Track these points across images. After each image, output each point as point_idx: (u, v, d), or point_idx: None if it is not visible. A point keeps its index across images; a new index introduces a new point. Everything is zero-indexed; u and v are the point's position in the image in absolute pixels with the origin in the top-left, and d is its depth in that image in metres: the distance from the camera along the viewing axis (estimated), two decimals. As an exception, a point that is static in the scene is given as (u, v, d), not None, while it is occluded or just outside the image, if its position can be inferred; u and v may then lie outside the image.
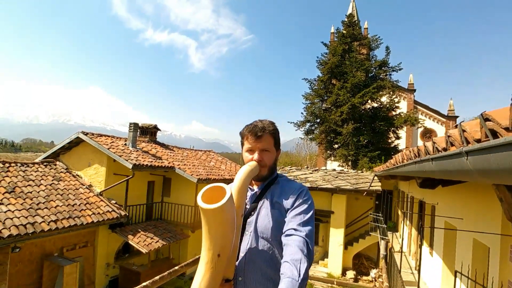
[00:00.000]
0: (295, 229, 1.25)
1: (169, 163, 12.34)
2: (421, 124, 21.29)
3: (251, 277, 1.36)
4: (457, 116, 28.95)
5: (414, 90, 29.95)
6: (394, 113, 21.58)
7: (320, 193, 14.55)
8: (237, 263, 1.39)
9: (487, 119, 0.95)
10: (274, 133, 1.51)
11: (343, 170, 17.59)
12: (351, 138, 20.35)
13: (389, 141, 21.67)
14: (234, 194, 1.31)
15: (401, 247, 7.99)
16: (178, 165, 12.52)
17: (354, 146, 20.40)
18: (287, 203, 1.39)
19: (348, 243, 14.86)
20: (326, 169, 17.49)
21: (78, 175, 11.41)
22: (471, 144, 1.12)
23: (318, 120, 22.59)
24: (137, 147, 12.38)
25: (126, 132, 12.66)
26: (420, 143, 29.95)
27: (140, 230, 10.79)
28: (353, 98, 20.23)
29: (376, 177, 14.38)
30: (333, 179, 15.30)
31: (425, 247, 8.41)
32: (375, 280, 13.78)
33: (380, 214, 15.90)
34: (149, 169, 11.31)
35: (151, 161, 11.50)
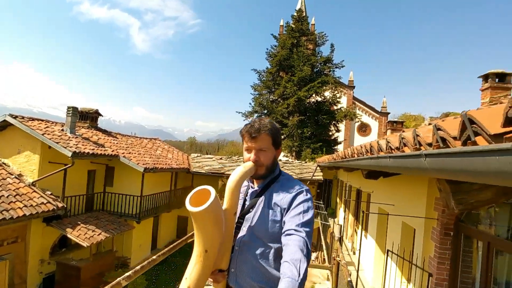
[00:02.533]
0: (295, 230, 1.25)
1: (113, 151, 11.66)
2: (359, 118, 23.14)
3: (242, 269, 1.44)
4: (389, 113, 31.98)
5: (354, 87, 32.24)
6: (335, 107, 23.02)
7: (267, 182, 15.06)
8: (231, 255, 1.47)
9: (439, 129, 1.21)
10: (272, 133, 1.49)
11: (288, 160, 18.39)
12: (296, 130, 21.26)
13: (330, 133, 23.15)
14: (227, 194, 1.38)
15: (341, 231, 8.80)
16: (123, 153, 11.90)
17: (298, 137, 21.37)
18: (284, 202, 1.40)
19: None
20: (272, 159, 18.11)
21: (4, 164, 10.20)
22: (423, 147, 1.39)
23: (266, 111, 23.12)
24: (76, 133, 11.44)
25: (57, 115, 11.75)
26: (356, 136, 32.50)
27: (80, 223, 10.11)
28: (300, 92, 21.10)
29: (318, 167, 15.33)
30: (279, 169, 15.94)
31: (361, 230, 9.36)
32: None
33: (321, 202, 17.08)
34: (90, 158, 10.58)
35: (93, 149, 10.75)
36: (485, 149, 0.78)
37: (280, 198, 1.42)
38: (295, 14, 23.71)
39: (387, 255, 5.42)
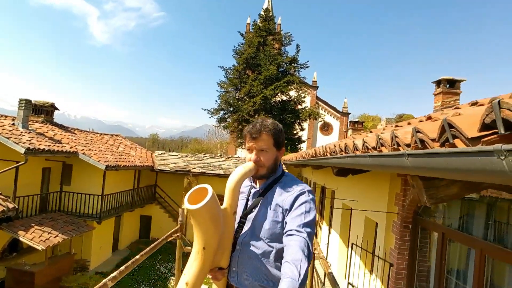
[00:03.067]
0: (296, 230, 1.26)
1: (71, 147, 10.99)
2: (322, 118, 23.97)
3: (244, 269, 1.45)
4: (350, 113, 33.45)
5: (317, 87, 33.27)
6: (300, 107, 23.62)
7: (233, 180, 15.12)
8: (233, 254, 1.49)
9: (418, 131, 1.36)
10: (273, 133, 1.49)
11: (254, 158, 18.56)
12: (261, 128, 21.47)
13: (295, 132, 23.72)
14: (227, 193, 1.40)
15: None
16: (82, 150, 11.26)
17: (264, 135, 21.61)
18: (286, 203, 1.40)
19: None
20: (238, 156, 18.18)
21: None
22: (401, 148, 1.54)
23: (232, 109, 23.10)
24: (30, 128, 10.62)
25: (2, 107, 10.68)
26: (319, 135, 33.60)
27: (34, 225, 9.41)
28: (266, 90, 21.35)
29: (284, 165, 15.66)
30: (246, 166, 16.04)
31: (325, 226, 9.75)
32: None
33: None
34: (46, 154, 9.88)
35: (49, 145, 10.05)
36: (468, 151, 0.91)
37: (282, 199, 1.42)
38: (262, 13, 23.89)
39: (351, 248, 5.72)
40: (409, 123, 2.90)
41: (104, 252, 12.86)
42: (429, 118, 2.43)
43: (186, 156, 16.98)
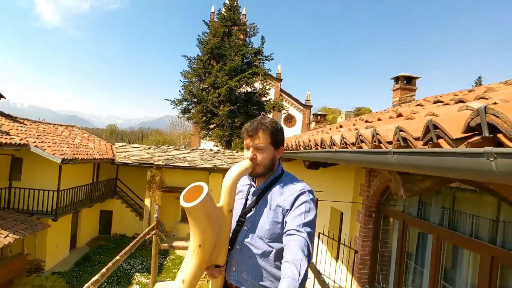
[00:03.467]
0: (296, 230, 1.25)
1: (21, 139, 10.10)
2: (286, 110, 24.36)
3: (243, 269, 1.45)
4: (312, 106, 34.35)
5: (281, 80, 33.65)
6: (264, 98, 23.78)
7: (198, 172, 14.94)
8: (232, 253, 1.48)
9: (401, 130, 1.45)
10: (271, 132, 1.46)
11: (219, 150, 18.46)
12: (226, 120, 21.36)
13: (260, 124, 23.88)
14: (223, 192, 1.40)
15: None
16: (34, 142, 10.40)
17: (229, 127, 21.54)
18: (286, 203, 1.39)
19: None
20: (203, 148, 17.95)
21: None
22: (382, 145, 1.64)
23: (196, 100, 22.66)
24: (-30, 118, 9.58)
25: None
26: (283, 127, 34.14)
27: (-21, 224, 8.60)
28: (231, 81, 21.19)
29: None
30: (211, 158, 15.90)
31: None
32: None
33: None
34: (-8, 148, 9.01)
35: (-5, 138, 9.17)
36: (458, 151, 0.99)
37: (283, 199, 1.41)
38: (227, 2, 23.52)
39: (318, 238, 5.95)
40: (379, 119, 3.06)
41: (60, 250, 12.11)
42: (399, 115, 2.58)
43: (149, 148, 16.41)
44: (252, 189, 1.55)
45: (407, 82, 9.31)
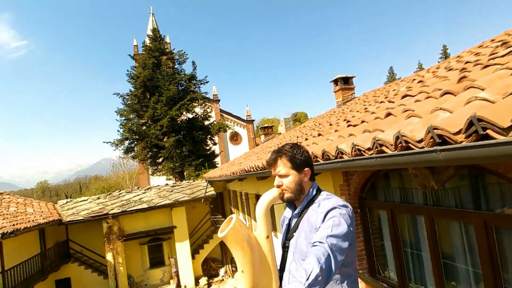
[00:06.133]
0: (319, 241, 1.26)
1: None
2: (232, 129, 24.52)
3: None
4: (254, 120, 35.14)
5: (219, 100, 33.89)
6: (208, 122, 23.66)
7: (159, 211, 14.11)
8: (284, 279, 1.52)
9: (435, 128, 1.59)
10: (289, 157, 1.52)
11: (176, 183, 17.73)
12: (174, 150, 20.71)
13: (208, 148, 23.62)
14: (258, 220, 1.52)
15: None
16: (-39, 223, 8.82)
17: (178, 157, 20.88)
18: (318, 222, 1.41)
19: (194, 252, 15.20)
20: (158, 185, 17.07)
21: None
22: (411, 145, 1.77)
23: (137, 137, 21.59)
24: None
25: None
26: (230, 145, 34.23)
27: None
28: (171, 111, 20.70)
29: (208, 183, 15.37)
30: (169, 193, 15.18)
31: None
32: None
33: (219, 215, 17.20)
34: None
35: None
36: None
37: (315, 219, 1.44)
38: (151, 33, 23.16)
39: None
40: (363, 121, 3.26)
41: None
42: (388, 114, 2.78)
43: (98, 198, 15.04)
44: (291, 214, 1.62)
45: (345, 82, 10.12)
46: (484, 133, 1.32)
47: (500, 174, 2.04)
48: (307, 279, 1.09)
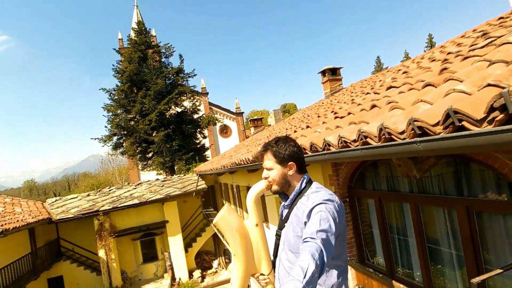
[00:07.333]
0: (311, 237, 1.27)
1: None
2: (221, 122, 24.41)
3: (283, 282, 1.54)
4: (243, 112, 35.04)
5: (207, 93, 33.62)
6: (197, 115, 23.48)
7: (151, 206, 14.09)
8: (276, 266, 1.65)
9: (415, 120, 1.66)
10: (273, 152, 1.57)
11: (166, 178, 17.66)
12: (164, 145, 20.55)
13: (198, 141, 23.50)
14: (248, 210, 1.66)
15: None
16: None
17: (168, 152, 20.74)
18: (304, 215, 1.43)
19: (187, 245, 15.28)
20: (149, 180, 16.98)
21: None
22: (394, 136, 1.85)
23: (126, 132, 21.32)
24: None
25: None
26: (220, 139, 34.14)
27: None
28: (159, 105, 20.46)
29: (199, 177, 15.38)
30: (160, 188, 15.15)
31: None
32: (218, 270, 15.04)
33: (211, 209, 17.23)
34: None
35: None
36: (490, 131, 1.23)
37: (302, 211, 1.46)
38: (136, 26, 22.68)
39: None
40: (349, 113, 3.34)
41: None
42: (373, 106, 2.86)
43: (88, 195, 14.90)
44: (284, 205, 1.70)
45: (332, 73, 10.18)
46: (460, 124, 1.40)
47: (480, 161, 2.14)
48: (304, 277, 1.10)
